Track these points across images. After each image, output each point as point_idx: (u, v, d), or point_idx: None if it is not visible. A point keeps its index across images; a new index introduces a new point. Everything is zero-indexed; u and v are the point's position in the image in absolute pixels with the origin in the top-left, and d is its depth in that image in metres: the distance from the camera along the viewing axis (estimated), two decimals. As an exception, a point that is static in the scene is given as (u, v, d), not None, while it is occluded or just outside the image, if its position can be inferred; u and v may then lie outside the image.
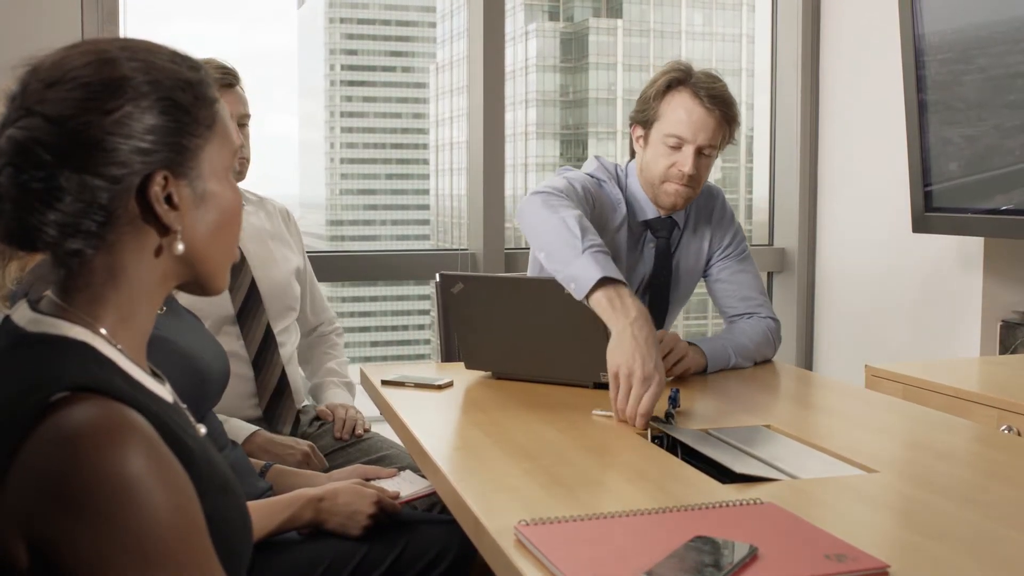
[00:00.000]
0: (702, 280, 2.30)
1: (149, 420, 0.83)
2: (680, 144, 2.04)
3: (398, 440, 1.78)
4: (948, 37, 2.55)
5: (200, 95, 0.94)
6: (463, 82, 3.06)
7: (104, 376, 0.86)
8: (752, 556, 0.97)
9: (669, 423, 1.57)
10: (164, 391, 0.97)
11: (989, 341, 2.68)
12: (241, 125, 2.11)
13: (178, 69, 0.93)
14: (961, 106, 2.53)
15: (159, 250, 0.93)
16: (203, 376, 1.54)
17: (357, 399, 2.30)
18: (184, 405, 1.02)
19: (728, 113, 2.05)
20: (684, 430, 1.54)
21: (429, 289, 2.70)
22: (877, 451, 1.47)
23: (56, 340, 0.89)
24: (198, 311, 1.74)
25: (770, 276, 3.43)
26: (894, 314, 3.00)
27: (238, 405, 2.09)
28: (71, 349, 0.88)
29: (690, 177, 2.05)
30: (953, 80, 2.55)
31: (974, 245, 2.71)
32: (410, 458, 1.97)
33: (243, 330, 2.12)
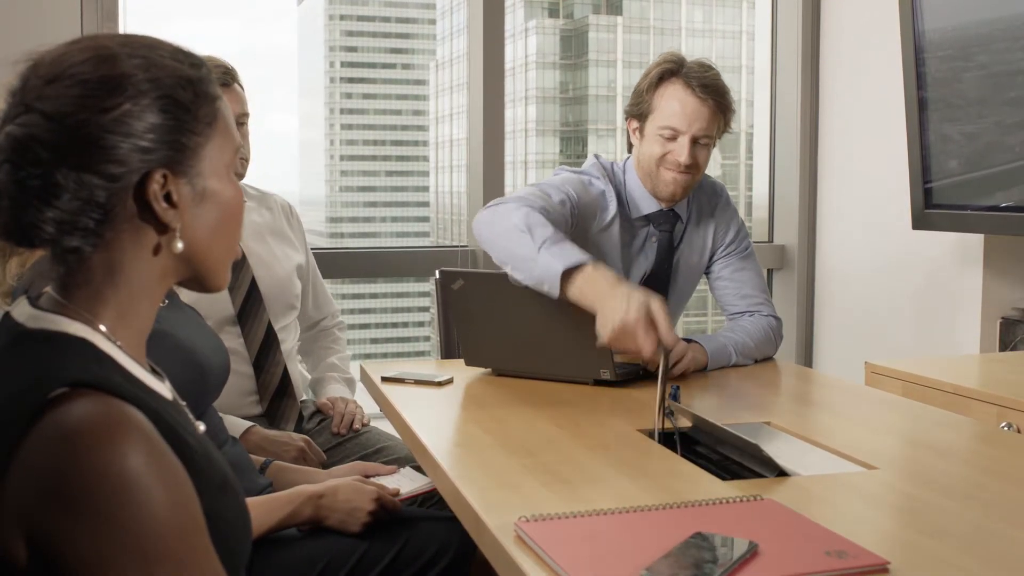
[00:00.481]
0: (703, 277, 2.30)
1: (148, 417, 0.83)
2: (675, 135, 2.05)
3: (397, 435, 1.78)
4: (948, 34, 2.55)
5: (201, 92, 0.93)
6: (463, 79, 3.05)
7: (103, 372, 0.85)
8: (752, 552, 0.97)
9: (676, 400, 1.57)
10: (163, 388, 0.97)
11: (989, 338, 2.68)
12: (239, 124, 2.11)
13: (179, 66, 0.92)
14: (961, 103, 2.53)
15: (158, 248, 0.92)
16: (203, 370, 1.53)
17: (357, 396, 2.30)
18: (184, 402, 1.02)
19: (721, 102, 2.06)
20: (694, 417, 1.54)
21: (429, 286, 2.70)
22: (877, 448, 1.47)
23: (55, 336, 0.88)
24: (199, 311, 1.74)
25: (770, 273, 3.42)
26: (894, 311, 3.00)
27: (239, 403, 2.09)
28: (70, 345, 0.88)
29: (687, 165, 2.06)
30: (953, 77, 2.55)
31: (974, 242, 2.71)
32: (407, 448, 1.97)
33: (244, 330, 2.11)
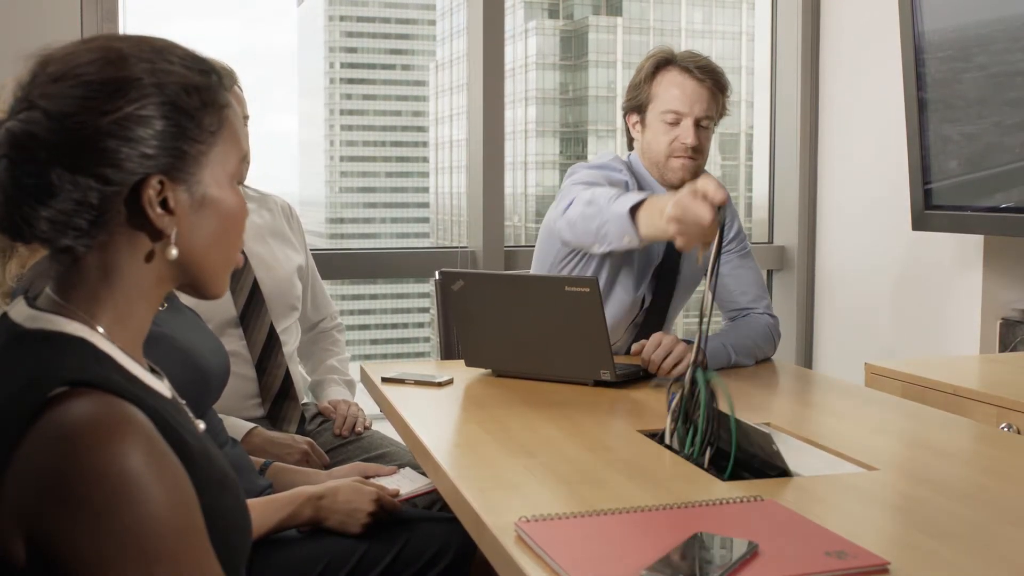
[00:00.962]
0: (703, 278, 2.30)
1: (147, 415, 0.83)
2: (679, 119, 2.10)
3: (398, 437, 1.78)
4: (948, 35, 2.55)
5: (207, 100, 0.93)
6: (463, 80, 3.05)
7: (102, 371, 0.85)
8: (752, 553, 0.97)
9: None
10: (162, 387, 0.97)
11: (989, 339, 2.68)
12: None
13: (186, 72, 0.92)
14: (961, 104, 2.53)
15: (151, 255, 0.92)
16: (203, 372, 1.53)
17: (357, 397, 2.30)
18: (183, 401, 1.02)
19: (719, 82, 2.12)
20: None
21: (429, 287, 2.70)
22: (877, 449, 1.48)
23: (53, 336, 0.88)
24: (200, 313, 1.74)
25: (770, 274, 3.42)
26: (894, 312, 3.00)
27: (241, 405, 2.09)
28: (69, 345, 0.88)
29: (694, 149, 2.10)
30: (953, 78, 2.55)
31: (974, 243, 2.71)
32: (410, 455, 1.97)
33: (246, 331, 2.11)
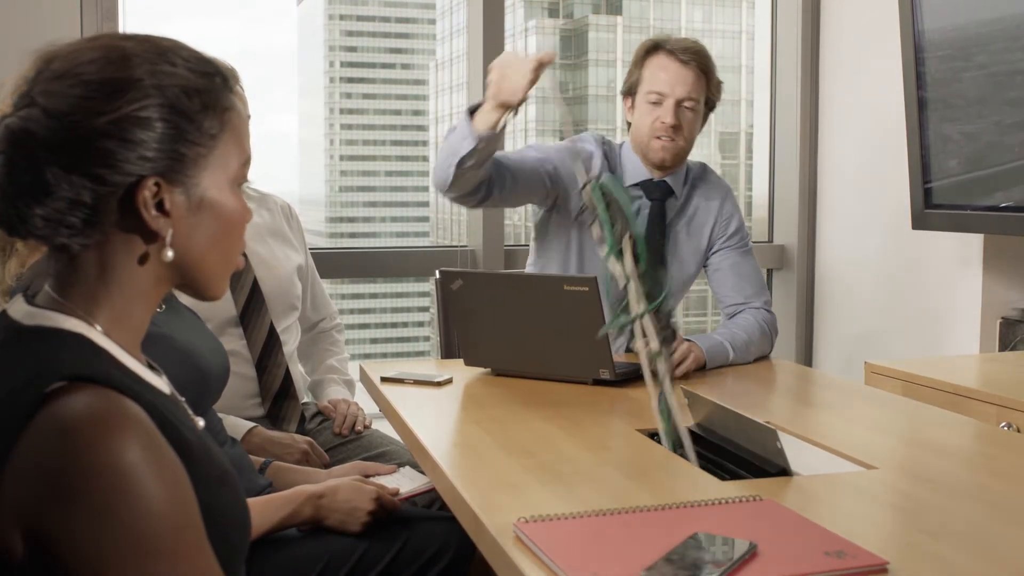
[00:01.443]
0: (703, 273, 2.30)
1: (145, 410, 0.83)
2: (661, 99, 2.15)
3: (397, 437, 1.78)
4: (948, 34, 2.55)
5: (209, 103, 0.92)
6: (463, 79, 3.05)
7: (101, 367, 0.85)
8: (751, 553, 0.97)
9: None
10: (161, 383, 0.97)
11: (988, 338, 2.68)
12: None
13: (189, 75, 0.91)
14: (961, 103, 2.53)
15: (145, 256, 0.91)
16: (202, 372, 1.53)
17: (357, 396, 2.30)
18: (182, 398, 1.02)
19: (703, 64, 2.15)
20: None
21: (429, 286, 2.70)
22: (876, 448, 1.47)
23: (52, 332, 0.88)
24: (200, 313, 1.74)
25: (770, 273, 3.42)
26: (894, 311, 3.00)
27: (241, 405, 2.09)
28: (67, 340, 0.88)
29: (673, 128, 2.14)
30: (953, 77, 2.55)
31: (974, 242, 2.70)
32: (409, 454, 1.97)
33: (246, 331, 2.11)
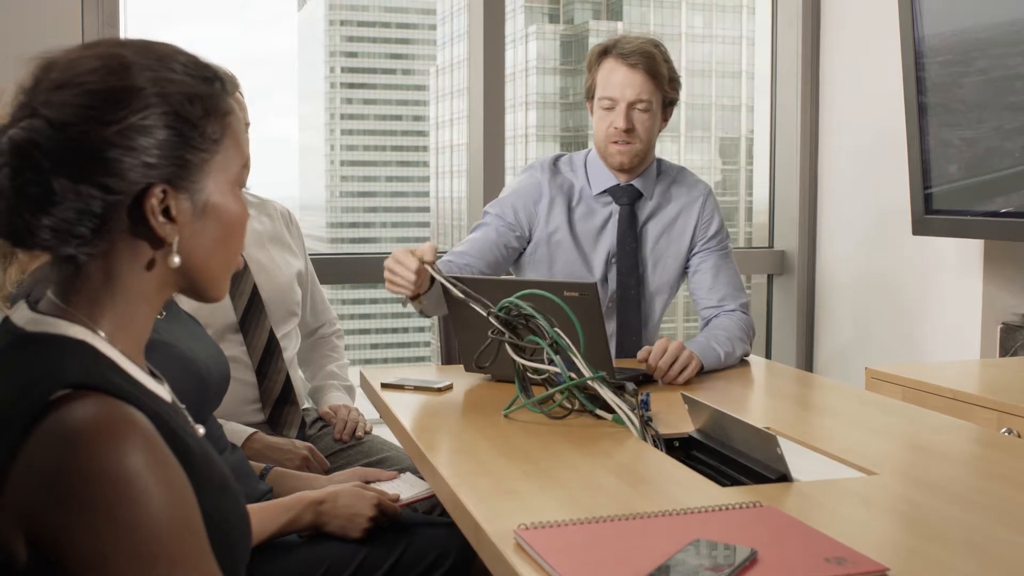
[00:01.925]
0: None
1: (148, 418, 0.83)
2: (613, 104, 2.17)
3: (397, 443, 1.78)
4: (948, 39, 2.55)
5: (211, 108, 0.92)
6: (463, 84, 3.06)
7: (104, 374, 0.86)
8: (751, 559, 0.97)
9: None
10: (163, 391, 0.97)
11: (989, 343, 2.68)
12: None
13: (190, 81, 0.91)
14: (961, 108, 2.53)
15: (152, 263, 0.92)
16: (203, 379, 1.53)
17: (357, 402, 2.30)
18: (183, 405, 1.02)
19: (651, 66, 2.15)
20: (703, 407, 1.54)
21: (429, 291, 2.67)
22: (877, 453, 1.47)
23: (55, 339, 0.89)
24: (201, 319, 1.74)
25: (770, 279, 3.42)
26: (894, 316, 3.00)
27: (241, 411, 2.09)
28: (70, 347, 0.88)
29: (627, 131, 2.16)
30: (953, 82, 2.55)
31: (974, 247, 2.71)
32: (409, 460, 1.97)
33: (246, 337, 2.11)
